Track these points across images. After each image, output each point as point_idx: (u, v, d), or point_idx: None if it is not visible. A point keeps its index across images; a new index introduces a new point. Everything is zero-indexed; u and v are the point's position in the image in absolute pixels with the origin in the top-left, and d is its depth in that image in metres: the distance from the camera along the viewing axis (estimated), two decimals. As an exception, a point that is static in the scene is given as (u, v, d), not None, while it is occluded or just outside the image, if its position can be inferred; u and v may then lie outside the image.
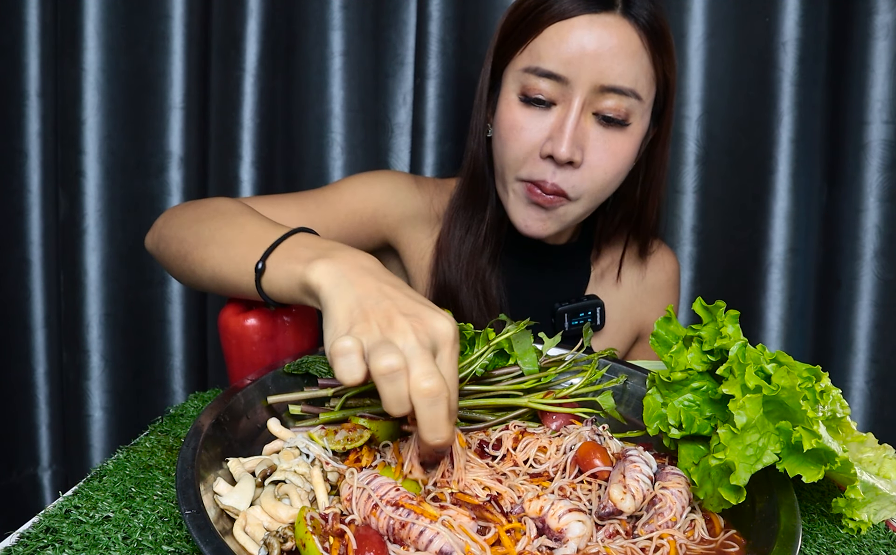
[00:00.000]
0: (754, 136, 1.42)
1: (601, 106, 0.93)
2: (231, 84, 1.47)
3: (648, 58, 0.93)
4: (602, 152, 0.95)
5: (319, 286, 0.62)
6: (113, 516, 0.58)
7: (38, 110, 1.55)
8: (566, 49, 0.90)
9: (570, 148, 0.92)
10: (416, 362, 0.53)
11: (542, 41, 0.93)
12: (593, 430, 0.71)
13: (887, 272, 1.35)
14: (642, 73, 0.93)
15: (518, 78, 0.96)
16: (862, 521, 0.63)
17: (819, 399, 0.58)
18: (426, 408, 0.53)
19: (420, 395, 0.52)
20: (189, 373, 1.62)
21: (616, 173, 0.98)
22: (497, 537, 0.54)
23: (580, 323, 1.12)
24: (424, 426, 0.53)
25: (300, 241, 0.71)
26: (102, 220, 1.55)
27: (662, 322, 0.70)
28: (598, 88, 0.91)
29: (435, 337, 0.56)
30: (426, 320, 0.57)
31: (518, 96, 0.96)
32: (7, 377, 1.63)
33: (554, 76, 0.92)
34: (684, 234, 1.45)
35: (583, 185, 0.96)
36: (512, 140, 0.96)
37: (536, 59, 0.93)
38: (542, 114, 0.95)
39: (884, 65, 1.30)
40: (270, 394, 0.75)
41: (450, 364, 0.57)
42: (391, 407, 0.53)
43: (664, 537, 0.56)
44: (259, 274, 0.71)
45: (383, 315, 0.56)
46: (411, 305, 0.58)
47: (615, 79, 0.91)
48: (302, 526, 0.51)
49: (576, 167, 0.95)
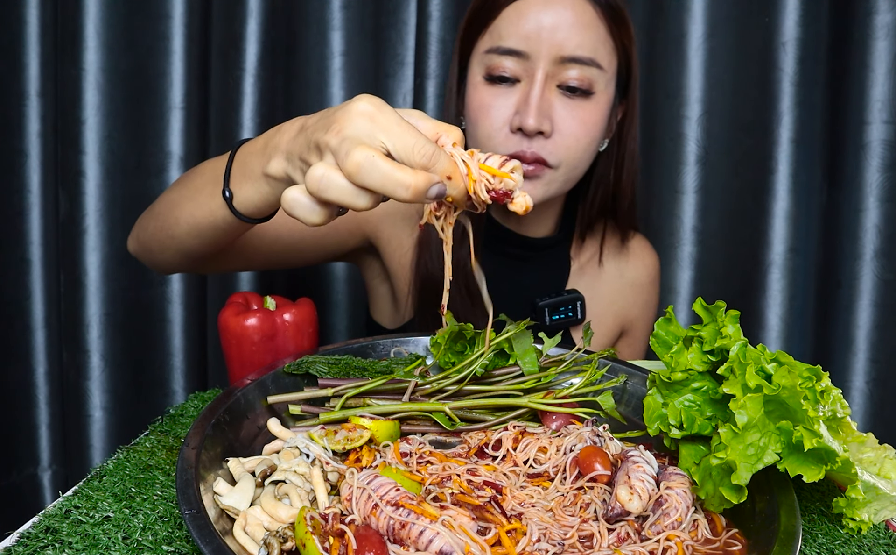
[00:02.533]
0: (754, 136, 1.42)
1: (564, 76, 0.96)
2: (231, 84, 1.47)
3: (605, 28, 0.97)
4: (570, 120, 0.97)
5: (278, 177, 0.65)
6: (113, 516, 0.58)
7: (38, 110, 1.55)
8: (524, 25, 0.95)
9: (537, 118, 0.94)
10: (339, 156, 0.55)
11: (501, 22, 0.97)
12: (593, 430, 0.71)
13: (887, 272, 1.35)
14: (600, 44, 0.96)
15: (482, 61, 1.00)
16: (862, 521, 0.63)
17: (819, 399, 0.58)
18: (369, 177, 0.54)
19: (350, 174, 0.54)
20: (189, 373, 1.62)
21: (588, 141, 1.00)
22: (497, 538, 0.54)
23: (561, 317, 1.12)
24: (389, 191, 0.55)
25: (245, 152, 0.72)
26: (102, 220, 1.55)
27: (663, 322, 0.70)
28: (559, 60, 0.95)
29: (352, 120, 0.56)
30: (340, 119, 0.57)
31: (483, 77, 0.99)
32: (7, 377, 1.63)
33: (515, 52, 0.96)
34: (684, 234, 1.45)
35: (559, 152, 0.98)
36: (481, 119, 0.99)
37: (497, 39, 0.97)
38: (507, 91, 0.98)
39: (884, 65, 1.30)
40: (270, 394, 0.75)
41: (379, 121, 0.56)
42: (356, 202, 0.56)
43: (671, 538, 0.56)
44: (230, 201, 0.72)
45: (311, 146, 0.58)
46: (326, 121, 0.58)
47: (574, 49, 0.94)
48: (302, 526, 0.51)
49: (547, 137, 0.97)
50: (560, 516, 0.59)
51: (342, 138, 0.55)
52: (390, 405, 0.73)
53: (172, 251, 0.87)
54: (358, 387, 0.75)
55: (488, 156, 0.60)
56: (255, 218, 0.74)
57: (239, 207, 0.72)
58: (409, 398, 0.75)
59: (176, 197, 0.84)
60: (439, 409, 0.74)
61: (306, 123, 0.61)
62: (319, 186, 0.55)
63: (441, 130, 0.60)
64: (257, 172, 0.68)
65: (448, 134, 0.60)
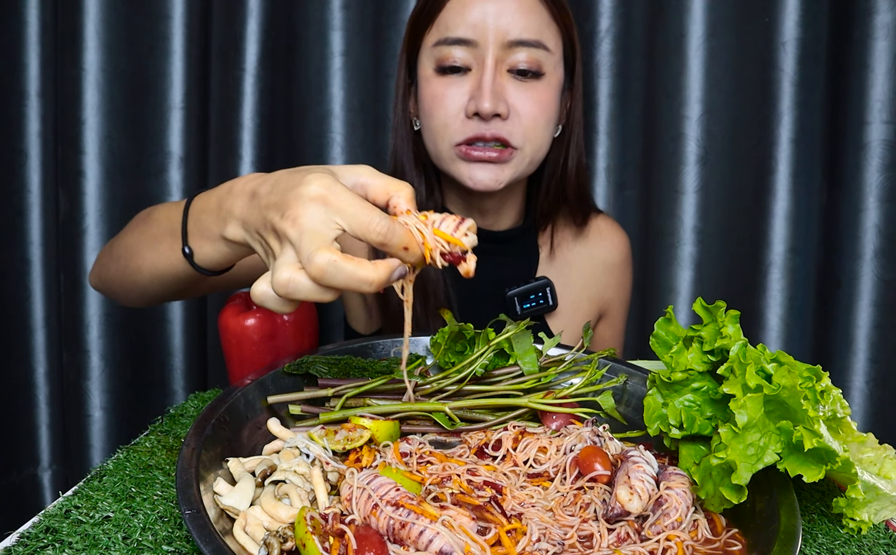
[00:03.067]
0: (754, 136, 1.42)
1: (513, 60, 0.98)
2: (231, 84, 1.47)
3: (547, 12, 1.00)
4: (525, 101, 0.99)
5: (236, 241, 0.66)
6: (113, 516, 0.58)
7: (38, 110, 1.55)
8: (470, 14, 0.97)
9: (492, 100, 0.96)
10: (301, 255, 0.56)
11: (446, 14, 0.99)
12: (593, 430, 0.71)
13: (887, 272, 1.35)
14: (545, 26, 1.00)
15: (431, 54, 1.01)
16: (862, 521, 0.63)
17: (819, 399, 0.58)
18: (334, 279, 0.55)
19: (316, 277, 0.55)
20: (189, 373, 1.62)
21: (545, 120, 1.02)
22: (497, 538, 0.54)
23: (532, 306, 1.12)
24: (353, 288, 0.56)
25: (198, 209, 0.72)
26: (102, 220, 1.55)
27: (663, 322, 0.70)
28: (507, 44, 0.97)
29: (306, 207, 0.57)
30: (293, 204, 0.57)
31: (434, 70, 1.01)
32: (7, 377, 1.63)
33: (463, 41, 0.98)
34: (684, 234, 1.45)
35: (519, 132, 0.99)
36: (435, 109, 1.01)
37: (444, 31, 0.99)
38: (459, 80, 0.99)
39: (884, 65, 1.30)
40: (270, 394, 0.75)
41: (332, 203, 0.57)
42: (321, 298, 0.57)
43: (671, 538, 0.56)
44: (191, 258, 0.73)
45: (266, 225, 0.60)
46: (279, 201, 0.58)
47: (520, 32, 0.97)
48: (302, 526, 0.51)
49: (504, 119, 0.98)
50: (560, 516, 0.59)
51: (301, 232, 0.56)
52: (390, 405, 0.73)
53: (136, 295, 0.90)
54: (358, 387, 0.75)
55: (443, 219, 0.60)
56: (218, 270, 0.75)
57: (200, 263, 0.73)
58: (408, 398, 0.75)
59: (134, 243, 0.85)
60: (439, 409, 0.74)
61: (257, 191, 0.61)
62: (287, 289, 0.56)
63: (391, 190, 0.61)
64: (215, 234, 0.69)
65: (399, 193, 0.60)
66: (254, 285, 0.60)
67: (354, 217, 0.57)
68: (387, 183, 0.61)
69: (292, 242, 0.57)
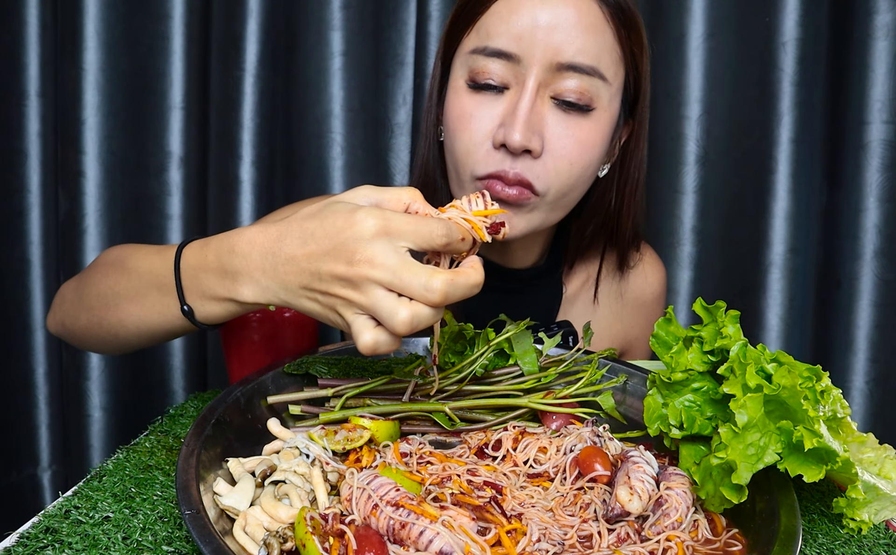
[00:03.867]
0: (754, 136, 1.42)
1: (560, 88, 0.81)
2: (231, 84, 1.47)
3: (612, 33, 0.82)
4: (564, 139, 0.82)
5: (257, 303, 0.64)
6: (113, 516, 0.58)
7: (38, 110, 1.55)
8: (517, 23, 0.80)
9: (524, 133, 0.80)
10: (375, 310, 0.56)
11: (490, 17, 0.83)
12: (593, 430, 0.71)
13: (887, 272, 1.35)
14: (605, 51, 0.82)
15: (466, 62, 0.85)
16: (863, 521, 0.63)
17: (820, 399, 0.58)
18: (455, 295, 0.56)
19: (439, 302, 0.56)
20: (189, 373, 1.62)
21: (584, 165, 0.85)
22: (497, 538, 0.54)
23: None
24: (469, 294, 0.58)
25: (194, 267, 0.68)
26: (102, 220, 1.54)
27: (663, 323, 0.70)
28: (555, 66, 0.80)
29: (373, 245, 0.56)
30: (357, 247, 0.57)
31: (466, 82, 0.85)
32: (7, 377, 1.63)
33: (504, 54, 0.81)
34: (684, 234, 1.45)
35: (547, 176, 0.83)
36: (461, 130, 0.85)
37: (485, 38, 0.83)
38: (493, 99, 0.83)
39: (884, 65, 1.30)
40: (270, 394, 0.75)
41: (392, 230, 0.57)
42: (435, 320, 0.57)
43: (671, 539, 0.56)
44: (191, 316, 0.69)
45: (322, 277, 0.58)
46: (337, 249, 0.57)
47: (573, 54, 0.80)
48: (302, 526, 0.51)
49: (535, 157, 0.82)
50: (560, 517, 0.59)
51: (389, 270, 0.55)
52: (390, 405, 0.73)
53: (115, 347, 0.83)
54: (358, 387, 0.75)
55: (468, 201, 0.64)
56: (220, 323, 0.72)
57: (204, 320, 0.69)
58: (408, 398, 0.75)
59: (109, 294, 0.78)
60: (439, 409, 0.74)
61: (290, 252, 0.59)
62: (413, 326, 0.56)
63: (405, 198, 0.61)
64: (221, 295, 0.65)
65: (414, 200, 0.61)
66: (360, 343, 0.58)
67: (416, 233, 0.57)
68: (398, 194, 0.61)
69: (381, 283, 0.56)
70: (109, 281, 0.78)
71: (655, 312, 1.13)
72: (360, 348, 0.58)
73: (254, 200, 1.50)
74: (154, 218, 1.55)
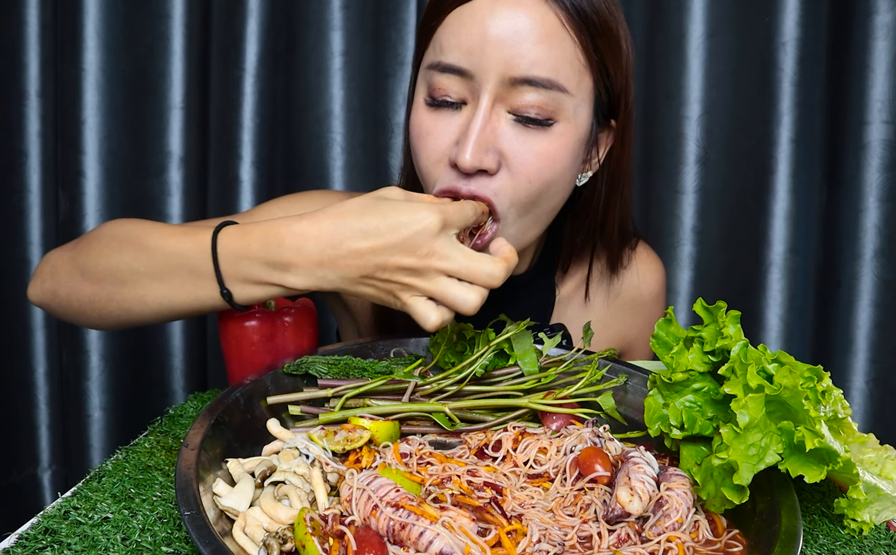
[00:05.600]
0: (754, 136, 1.42)
1: (517, 103, 0.77)
2: (231, 84, 1.46)
3: (572, 41, 0.77)
4: (522, 155, 0.78)
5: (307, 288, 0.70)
6: (112, 516, 0.58)
7: (38, 110, 1.55)
8: (467, 37, 0.76)
9: (474, 154, 0.76)
10: (444, 296, 0.68)
11: (443, 30, 0.79)
12: (594, 431, 0.70)
13: (887, 272, 1.35)
14: (564, 61, 0.77)
15: (424, 77, 0.82)
16: (864, 521, 0.63)
17: (821, 399, 0.58)
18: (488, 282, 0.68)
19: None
20: (189, 373, 1.62)
21: (546, 180, 0.80)
22: (497, 539, 0.54)
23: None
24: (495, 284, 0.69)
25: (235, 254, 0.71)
26: (102, 220, 1.55)
27: (663, 323, 0.70)
28: (510, 81, 0.76)
29: (439, 240, 0.67)
30: (423, 242, 0.67)
31: (425, 99, 0.82)
32: (7, 377, 1.63)
33: (456, 70, 0.77)
34: (684, 234, 1.45)
35: (505, 192, 0.79)
36: (420, 149, 0.83)
37: (439, 53, 0.79)
38: (451, 116, 0.80)
39: (884, 65, 1.30)
40: (270, 394, 0.75)
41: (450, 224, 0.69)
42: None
43: (672, 540, 0.55)
44: (229, 299, 0.73)
45: (388, 268, 0.68)
46: (403, 244, 0.67)
47: (528, 68, 0.75)
48: (301, 527, 0.51)
49: (491, 174, 0.78)
50: (560, 517, 0.59)
51: (455, 261, 0.67)
52: (390, 406, 0.73)
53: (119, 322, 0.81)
54: (358, 387, 0.75)
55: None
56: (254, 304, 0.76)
57: (242, 302, 0.74)
58: (408, 399, 0.75)
59: (126, 270, 0.76)
60: (439, 409, 0.74)
61: (353, 246, 0.67)
62: (480, 302, 0.69)
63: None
64: (266, 280, 0.71)
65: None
66: (430, 322, 0.68)
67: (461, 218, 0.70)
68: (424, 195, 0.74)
69: (449, 272, 0.67)
70: (125, 257, 0.77)
71: (654, 311, 1.11)
72: (427, 327, 0.68)
73: (254, 200, 1.50)
74: (154, 218, 1.54)
